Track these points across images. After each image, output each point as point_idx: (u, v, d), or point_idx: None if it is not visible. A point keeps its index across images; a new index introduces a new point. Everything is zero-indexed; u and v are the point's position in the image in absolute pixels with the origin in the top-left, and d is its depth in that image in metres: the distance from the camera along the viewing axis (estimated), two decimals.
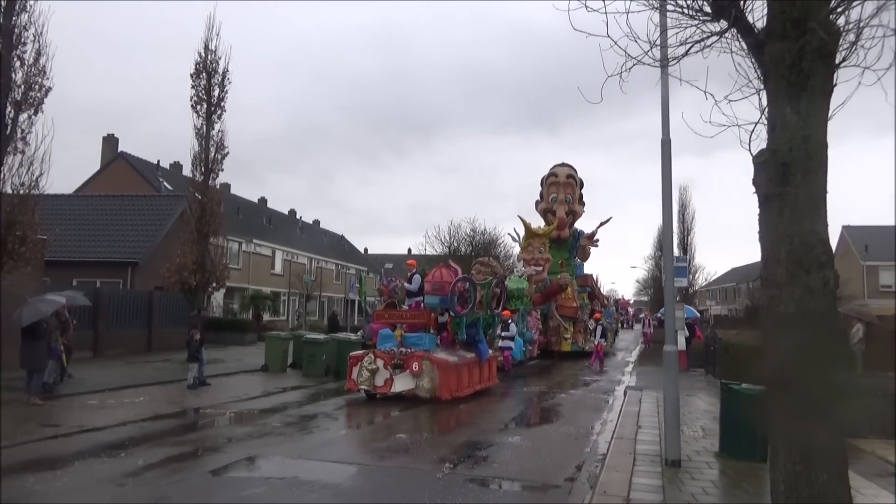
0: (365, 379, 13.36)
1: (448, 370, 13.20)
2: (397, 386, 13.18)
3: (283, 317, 43.40)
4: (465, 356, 14.35)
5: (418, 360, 13.15)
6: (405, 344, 13.57)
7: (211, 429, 10.86)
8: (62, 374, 14.31)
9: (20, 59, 13.78)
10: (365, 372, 13.39)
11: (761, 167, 3.77)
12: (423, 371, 13.04)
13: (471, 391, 14.05)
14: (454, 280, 14.25)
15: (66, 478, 7.12)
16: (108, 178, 38.10)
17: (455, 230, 46.74)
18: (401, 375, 13.22)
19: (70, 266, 24.39)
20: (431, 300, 14.29)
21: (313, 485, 7.34)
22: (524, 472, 7.74)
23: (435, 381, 12.94)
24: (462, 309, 14.37)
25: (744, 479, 7.28)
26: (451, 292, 13.94)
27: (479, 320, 15.30)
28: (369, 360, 13.47)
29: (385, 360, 13.41)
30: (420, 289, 14.57)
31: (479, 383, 14.80)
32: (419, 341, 13.59)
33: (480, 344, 15.15)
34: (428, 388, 12.93)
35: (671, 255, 8.53)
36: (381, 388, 13.30)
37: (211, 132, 21.54)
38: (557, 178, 29.38)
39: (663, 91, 8.14)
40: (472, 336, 15.01)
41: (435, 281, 14.45)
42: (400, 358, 13.32)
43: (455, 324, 14.70)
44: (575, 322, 26.83)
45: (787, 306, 3.56)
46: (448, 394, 12.98)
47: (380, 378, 13.33)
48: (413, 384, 13.08)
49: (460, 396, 13.40)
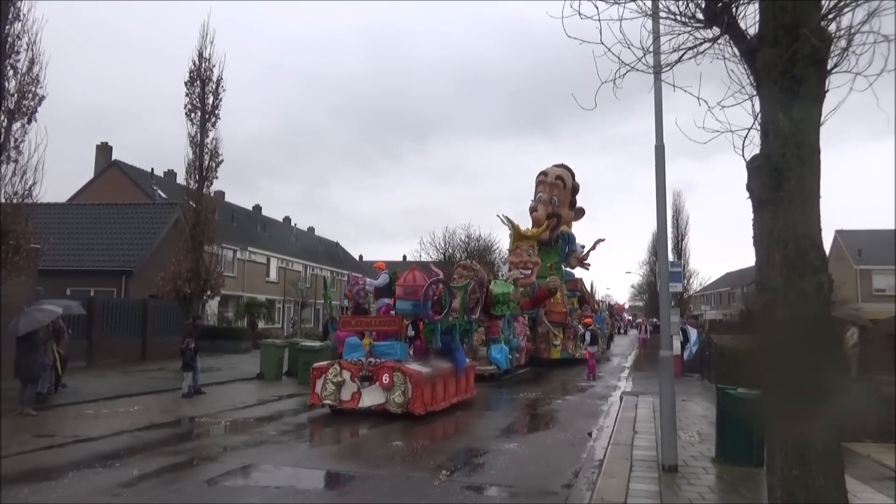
0: (330, 392, 12.28)
1: (422, 382, 12.07)
2: (366, 400, 12.13)
3: (278, 324, 43.27)
4: (440, 366, 13.29)
5: (389, 372, 12.02)
6: (374, 353, 12.50)
7: (206, 438, 10.80)
8: (57, 383, 14.24)
9: (13, 67, 13.74)
10: (330, 385, 12.29)
11: (755, 172, 3.79)
12: (395, 383, 11.94)
13: (447, 404, 12.97)
14: (427, 283, 13.11)
15: (61, 488, 7.07)
16: (101, 187, 37.99)
17: (450, 236, 46.93)
18: (369, 388, 12.15)
19: (64, 275, 24.29)
20: (403, 305, 13.23)
21: (309, 493, 7.31)
22: (521, 479, 7.72)
23: (407, 395, 11.87)
24: (437, 315, 13.40)
25: (741, 483, 7.28)
26: (423, 297, 12.86)
27: (455, 327, 14.35)
28: (334, 371, 12.37)
29: (352, 371, 12.34)
30: (388, 286, 13.69)
31: (456, 395, 13.67)
32: (390, 350, 12.48)
33: (457, 352, 14.11)
34: (399, 402, 11.85)
35: (666, 260, 8.55)
36: (348, 402, 12.22)
37: (205, 140, 21.53)
38: (547, 177, 28.44)
39: (657, 97, 8.19)
40: (447, 344, 13.97)
41: (407, 284, 13.24)
42: (368, 369, 12.24)
43: (429, 331, 13.72)
44: (565, 328, 26.06)
45: (781, 311, 3.58)
46: (422, 408, 11.90)
47: (346, 392, 12.29)
48: (383, 398, 12.00)
49: (436, 410, 12.37)
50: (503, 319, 20.45)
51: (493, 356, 19.13)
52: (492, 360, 19.06)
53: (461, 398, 13.86)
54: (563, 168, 29.18)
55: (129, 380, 17.56)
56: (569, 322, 26.34)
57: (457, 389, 13.74)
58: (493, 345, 19.49)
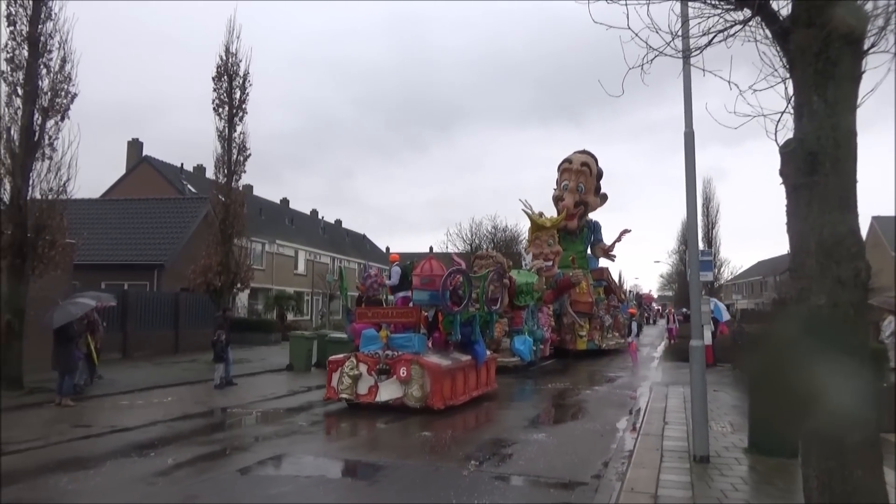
0: (346, 386, 11.96)
1: (441, 375, 11.72)
2: (383, 394, 11.82)
3: (306, 316, 43.75)
4: (459, 359, 12.86)
5: (406, 365, 11.68)
6: (391, 346, 12.12)
7: (238, 428, 10.98)
8: (92, 374, 14.59)
9: (46, 66, 14.02)
10: (346, 378, 12.00)
11: (788, 157, 3.70)
12: (413, 377, 11.62)
13: (467, 398, 12.61)
14: (445, 273, 12.69)
15: (99, 477, 7.25)
16: (133, 182, 38.72)
17: (476, 227, 46.90)
18: (387, 382, 11.83)
19: (98, 269, 24.81)
20: (421, 296, 12.82)
21: (340, 483, 7.40)
22: (550, 470, 7.70)
23: (426, 389, 11.53)
24: (456, 306, 12.98)
25: (774, 475, 7.17)
26: (442, 287, 12.42)
27: (475, 318, 13.86)
28: (351, 364, 12.07)
29: (369, 364, 11.99)
30: (401, 282, 13.32)
31: (477, 389, 13.32)
32: (407, 343, 12.11)
33: (477, 345, 13.67)
34: (418, 396, 11.52)
35: (696, 249, 8.41)
36: (365, 396, 11.91)
37: (233, 134, 21.77)
38: (571, 164, 27.60)
39: (685, 83, 8.04)
40: (467, 336, 13.52)
41: (424, 274, 12.80)
42: (385, 362, 11.88)
43: (448, 322, 13.26)
44: (591, 318, 25.42)
45: (817, 298, 3.50)
46: (441, 402, 11.55)
47: (363, 385, 11.96)
48: (401, 392, 11.69)
49: (455, 405, 12.00)
50: (526, 310, 20.00)
51: (516, 347, 18.79)
52: (515, 352, 18.72)
53: (482, 391, 13.59)
54: (587, 154, 28.40)
55: (163, 371, 17.92)
56: (595, 312, 25.73)
57: (477, 383, 13.45)
58: (516, 336, 19.13)
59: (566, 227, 26.60)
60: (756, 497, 6.35)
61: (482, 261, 19.25)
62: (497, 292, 15.28)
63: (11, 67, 13.69)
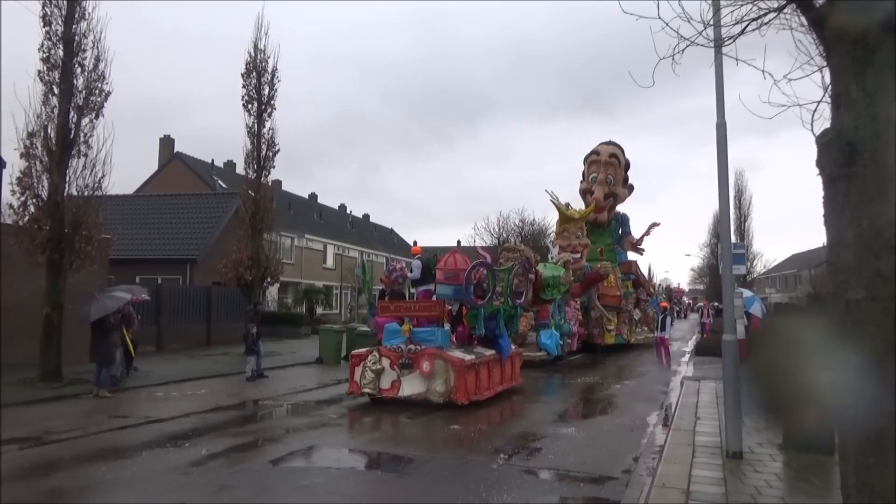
0: (369, 381, 11.86)
1: (464, 370, 11.58)
2: (406, 389, 11.72)
3: (335, 310, 44.14)
4: (483, 354, 12.72)
5: (430, 359, 11.57)
6: (414, 340, 12.00)
7: (270, 420, 11.15)
8: (129, 367, 14.94)
9: (81, 65, 14.32)
10: (369, 373, 11.90)
11: (825, 148, 3.61)
12: (436, 371, 11.52)
13: (492, 393, 12.49)
14: (469, 267, 12.53)
15: (136, 467, 7.42)
16: (165, 178, 39.46)
17: (504, 221, 46.72)
18: (409, 377, 11.73)
19: (133, 264, 25.37)
20: (444, 290, 12.61)
21: (370, 475, 7.46)
22: (579, 464, 7.67)
23: (450, 384, 11.42)
24: (480, 300, 12.84)
25: (809, 472, 7.04)
26: (466, 281, 12.26)
27: (499, 312, 13.72)
28: (373, 359, 11.97)
29: (391, 358, 11.90)
30: (424, 275, 13.29)
31: (501, 384, 13.18)
32: (430, 337, 11.97)
33: (501, 339, 13.53)
34: (441, 391, 11.42)
35: (728, 242, 8.28)
36: (388, 391, 11.80)
37: (262, 130, 22.00)
38: (599, 156, 27.27)
39: (717, 73, 7.89)
40: (491, 330, 13.42)
41: (448, 268, 12.63)
42: (408, 356, 11.78)
43: (472, 316, 13.12)
44: (619, 312, 25.09)
45: (855, 292, 3.41)
46: (465, 397, 11.44)
47: (386, 380, 11.87)
48: (424, 387, 11.60)
49: (480, 400, 11.89)
50: (553, 304, 19.73)
51: (542, 342, 18.59)
52: (542, 346, 18.53)
53: (506, 387, 13.45)
54: (614, 145, 28.04)
55: (196, 364, 18.27)
56: (623, 306, 25.43)
57: (502, 378, 13.30)
58: (542, 330, 18.91)
59: (595, 220, 26.28)
60: (791, 494, 6.25)
61: (510, 253, 18.99)
62: (522, 286, 15.09)
63: (47, 67, 14.03)
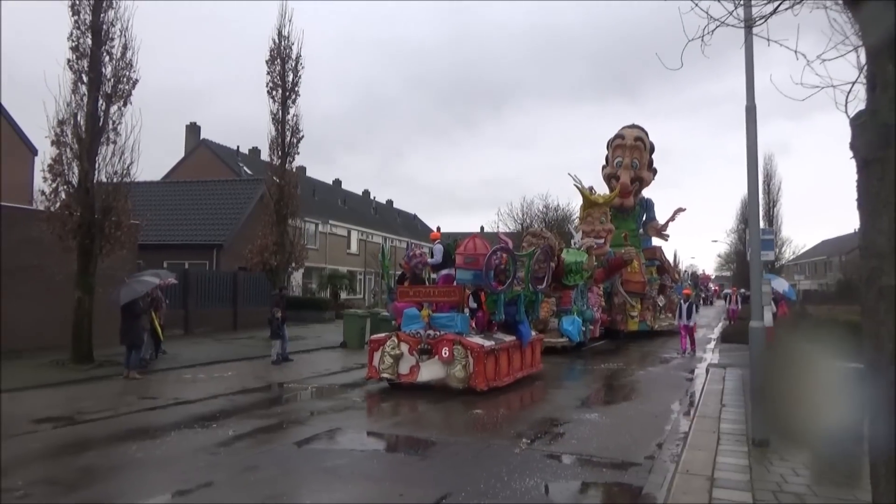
0: (388, 366, 11.79)
1: (484, 356, 11.47)
2: (424, 374, 11.62)
3: (359, 295, 44.43)
4: (503, 339, 12.55)
5: (449, 345, 11.41)
6: (433, 326, 11.87)
7: (295, 402, 11.30)
8: (157, 349, 15.23)
9: (109, 53, 14.52)
10: (388, 358, 11.80)
11: (860, 130, 3.51)
12: (455, 357, 11.36)
13: (511, 380, 12.38)
14: (489, 252, 12.32)
15: (164, 446, 7.59)
16: (192, 165, 39.91)
17: (528, 207, 46.56)
18: (428, 362, 11.58)
19: (161, 249, 25.81)
20: (464, 275, 12.46)
21: (394, 458, 7.53)
22: (602, 450, 7.65)
23: (469, 369, 11.29)
24: (500, 285, 12.63)
25: (838, 461, 6.93)
26: (486, 266, 12.09)
27: (519, 298, 13.49)
28: (392, 344, 11.85)
29: (410, 344, 11.76)
30: (445, 260, 13.13)
31: (522, 370, 13.06)
32: (450, 322, 11.84)
33: (522, 325, 13.33)
34: (460, 377, 11.29)
35: (757, 227, 8.14)
36: (406, 376, 11.74)
37: (286, 117, 22.15)
38: (624, 140, 26.75)
39: (747, 54, 7.71)
40: (511, 316, 13.19)
41: (468, 253, 12.46)
42: (427, 342, 11.63)
43: (492, 302, 12.88)
44: (643, 299, 24.74)
45: (889, 278, 3.32)
46: (484, 383, 11.34)
47: (404, 365, 11.78)
48: (443, 372, 11.47)
49: (499, 386, 11.79)
50: (575, 290, 19.52)
51: (564, 328, 18.45)
52: (563, 333, 18.38)
53: (526, 373, 13.33)
54: (639, 128, 27.49)
55: (222, 347, 18.55)
56: (647, 292, 25.04)
57: (522, 364, 13.16)
58: (564, 316, 18.76)
59: (621, 205, 25.92)
60: (817, 483, 6.17)
61: (534, 238, 18.76)
62: (543, 271, 14.95)
63: (76, 55, 14.24)
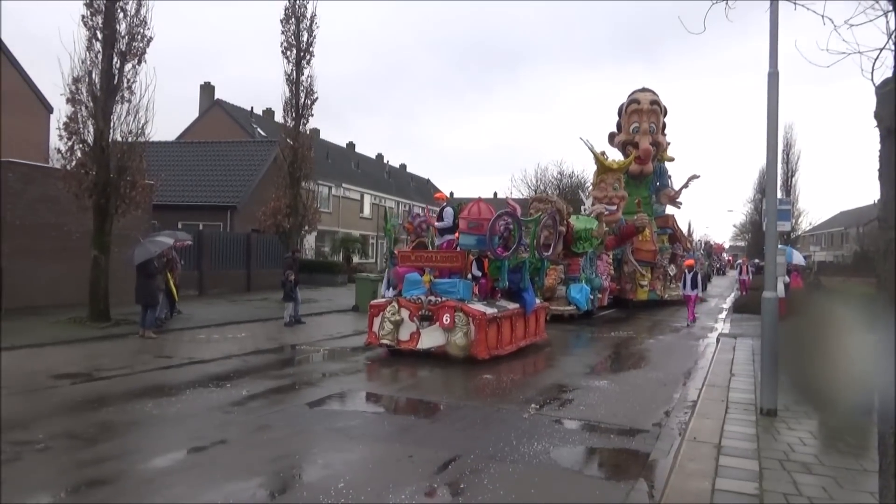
0: (388, 332, 11.55)
1: (486, 324, 11.18)
2: (425, 341, 11.36)
3: (371, 259, 44.60)
4: (506, 307, 12.24)
5: (450, 312, 11.13)
6: (435, 292, 11.60)
7: (307, 364, 11.45)
8: (172, 309, 15.43)
9: (123, 10, 14.39)
10: (388, 324, 11.55)
11: (885, 98, 3.42)
12: (456, 324, 11.09)
13: (514, 348, 12.13)
14: (494, 216, 11.96)
15: (179, 404, 7.74)
16: (206, 125, 39.83)
17: (542, 173, 46.23)
18: (429, 329, 11.33)
19: (175, 210, 25.96)
20: (467, 240, 12.12)
21: (403, 420, 7.64)
22: (610, 416, 7.71)
23: (470, 337, 11.02)
24: (504, 251, 12.34)
25: (845, 431, 6.94)
26: (490, 231, 11.75)
27: (524, 265, 13.07)
28: (392, 309, 11.59)
29: (411, 310, 11.50)
30: (455, 224, 12.86)
31: (525, 339, 12.78)
32: (452, 289, 11.55)
33: (526, 293, 12.98)
34: (461, 344, 11.02)
35: (774, 197, 8.02)
36: (407, 343, 11.49)
37: (300, 77, 21.98)
38: (640, 104, 25.88)
39: (772, 19, 7.51)
40: (515, 283, 12.85)
41: (471, 218, 12.09)
42: (428, 308, 11.37)
43: (495, 268, 12.53)
44: (653, 267, 24.43)
45: None
46: (486, 352, 11.12)
47: (405, 331, 11.52)
48: (443, 340, 11.20)
49: (501, 355, 11.55)
50: (584, 257, 19.26)
51: (572, 296, 18.28)
52: (571, 301, 18.24)
53: (530, 341, 13.09)
54: (651, 92, 26.77)
55: (236, 308, 18.78)
56: (658, 261, 24.68)
57: (525, 332, 12.90)
58: (572, 284, 18.59)
59: (641, 171, 25.42)
60: (825, 453, 6.19)
61: (540, 204, 18.43)
62: (550, 238, 14.67)
63: (91, 12, 14.13)
